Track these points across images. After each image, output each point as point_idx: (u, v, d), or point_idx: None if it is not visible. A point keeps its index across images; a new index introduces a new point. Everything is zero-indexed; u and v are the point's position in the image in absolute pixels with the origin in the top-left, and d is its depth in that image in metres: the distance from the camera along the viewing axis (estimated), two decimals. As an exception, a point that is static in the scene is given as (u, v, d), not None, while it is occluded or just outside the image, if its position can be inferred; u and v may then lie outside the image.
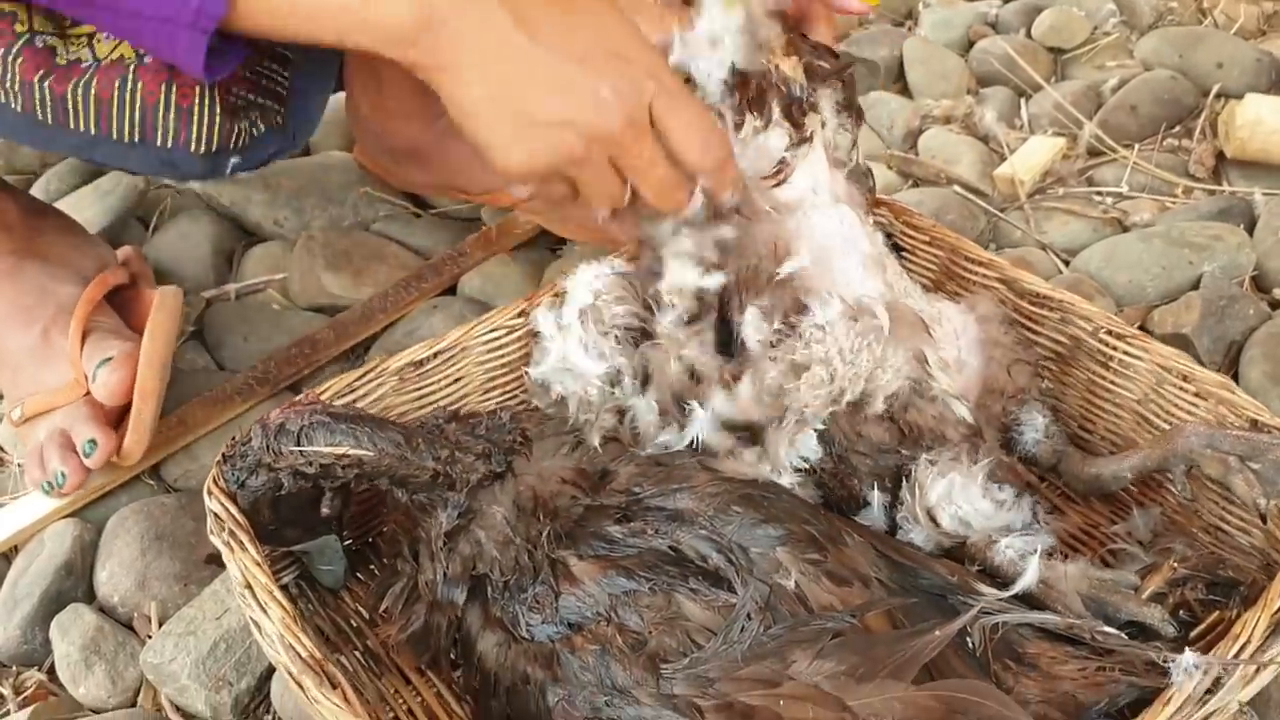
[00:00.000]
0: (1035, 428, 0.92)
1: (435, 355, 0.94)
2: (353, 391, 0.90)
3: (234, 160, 0.92)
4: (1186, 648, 0.68)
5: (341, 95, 1.31)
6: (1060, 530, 0.94)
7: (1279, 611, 0.70)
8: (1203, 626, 0.78)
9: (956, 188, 1.42)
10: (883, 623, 0.71)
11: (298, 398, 0.83)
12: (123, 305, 1.16)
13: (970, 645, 0.71)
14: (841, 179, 0.90)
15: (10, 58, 0.86)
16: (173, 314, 1.12)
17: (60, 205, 1.36)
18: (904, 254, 1.08)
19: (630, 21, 0.79)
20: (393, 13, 0.72)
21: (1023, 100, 1.58)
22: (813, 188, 0.88)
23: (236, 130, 0.90)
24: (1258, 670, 0.68)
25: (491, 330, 0.96)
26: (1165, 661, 0.67)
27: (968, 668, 0.70)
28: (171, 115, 0.91)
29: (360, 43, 0.73)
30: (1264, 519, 0.81)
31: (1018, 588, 0.76)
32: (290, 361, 1.21)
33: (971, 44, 1.71)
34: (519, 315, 0.96)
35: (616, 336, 0.89)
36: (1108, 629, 0.72)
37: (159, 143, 0.91)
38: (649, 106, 0.77)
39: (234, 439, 0.80)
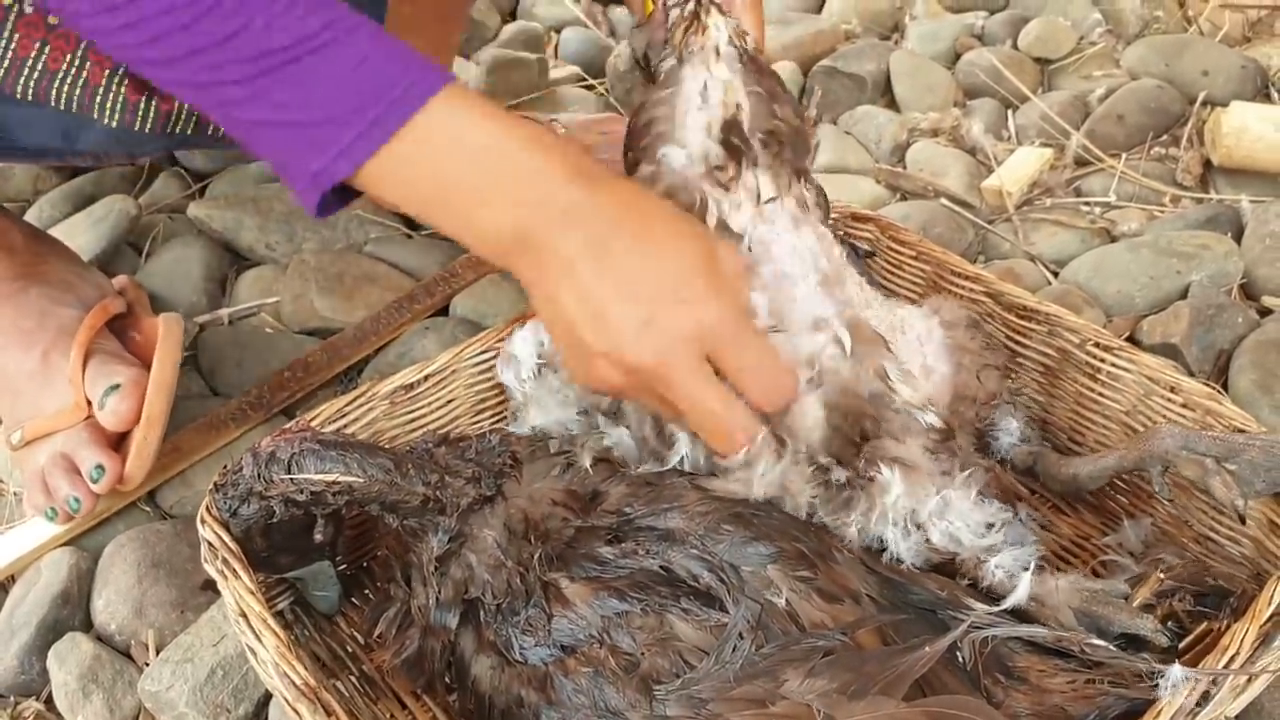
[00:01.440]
0: (1009, 431, 0.93)
1: (426, 378, 0.94)
2: (344, 416, 0.90)
3: None
4: (1175, 660, 0.68)
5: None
6: (1051, 541, 0.95)
7: (1267, 623, 0.70)
8: (1191, 638, 0.78)
9: (944, 200, 1.43)
10: (874, 639, 0.71)
11: (288, 425, 0.84)
12: (120, 332, 1.16)
13: (961, 660, 0.71)
14: (796, 202, 0.90)
15: (116, 81, 0.88)
16: (179, 341, 1.12)
17: (53, 231, 1.36)
18: (873, 258, 1.09)
19: (712, 254, 0.78)
20: (494, 229, 0.75)
21: (1010, 111, 1.59)
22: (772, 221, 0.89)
23: None
24: (1248, 681, 0.69)
25: (482, 352, 0.97)
26: (1154, 674, 0.68)
27: (959, 683, 0.70)
28: None
29: (462, 241, 0.77)
30: (1242, 520, 0.82)
31: (1009, 603, 0.77)
32: (283, 385, 1.21)
33: (958, 56, 1.72)
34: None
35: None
36: (1096, 641, 0.72)
37: None
38: (706, 348, 0.76)
39: (225, 467, 0.80)
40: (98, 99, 0.89)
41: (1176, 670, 0.67)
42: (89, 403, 1.06)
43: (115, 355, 1.10)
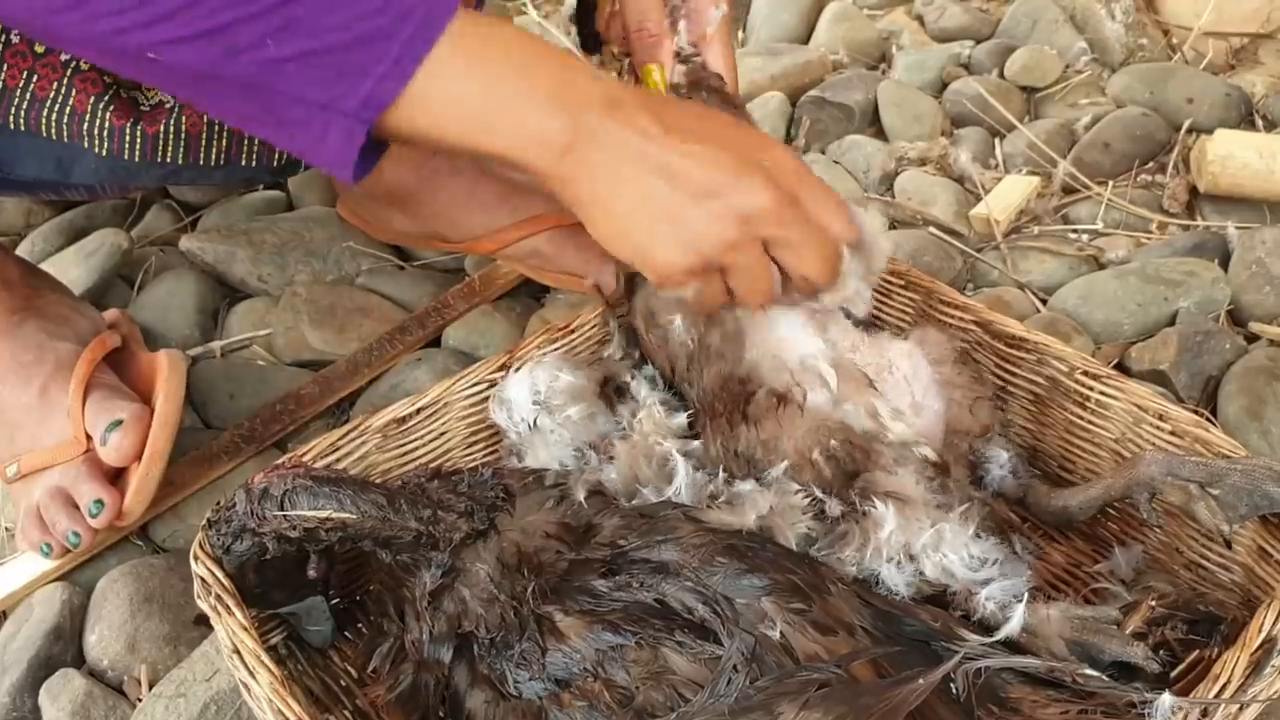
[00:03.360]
0: (1000, 463, 0.94)
1: (418, 411, 0.95)
2: (336, 450, 0.90)
3: None
4: (1166, 690, 0.68)
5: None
6: (1043, 569, 0.95)
7: (1258, 650, 0.71)
8: (1183, 666, 0.78)
9: (933, 229, 1.44)
10: (868, 671, 0.71)
11: (280, 460, 0.84)
12: (115, 366, 1.16)
13: (954, 691, 0.71)
14: None
15: (102, 106, 0.88)
16: (184, 378, 1.13)
17: (45, 266, 1.37)
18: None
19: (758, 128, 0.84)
20: (552, 127, 0.74)
21: (997, 140, 1.60)
22: None
23: None
24: (1240, 710, 0.69)
25: (474, 385, 0.97)
26: (1146, 703, 0.68)
27: (953, 714, 0.70)
28: (258, 141, 0.91)
29: (511, 154, 0.75)
30: (1228, 544, 0.83)
31: (1002, 634, 0.77)
32: (276, 418, 1.21)
33: (945, 85, 1.73)
34: (500, 369, 0.97)
35: (575, 423, 0.92)
36: (1088, 671, 0.72)
37: (243, 163, 0.92)
38: (794, 184, 0.79)
39: (218, 504, 0.80)
40: (84, 126, 0.89)
41: (1168, 698, 0.68)
42: (88, 437, 1.06)
43: (115, 390, 1.10)
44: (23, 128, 0.89)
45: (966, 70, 1.77)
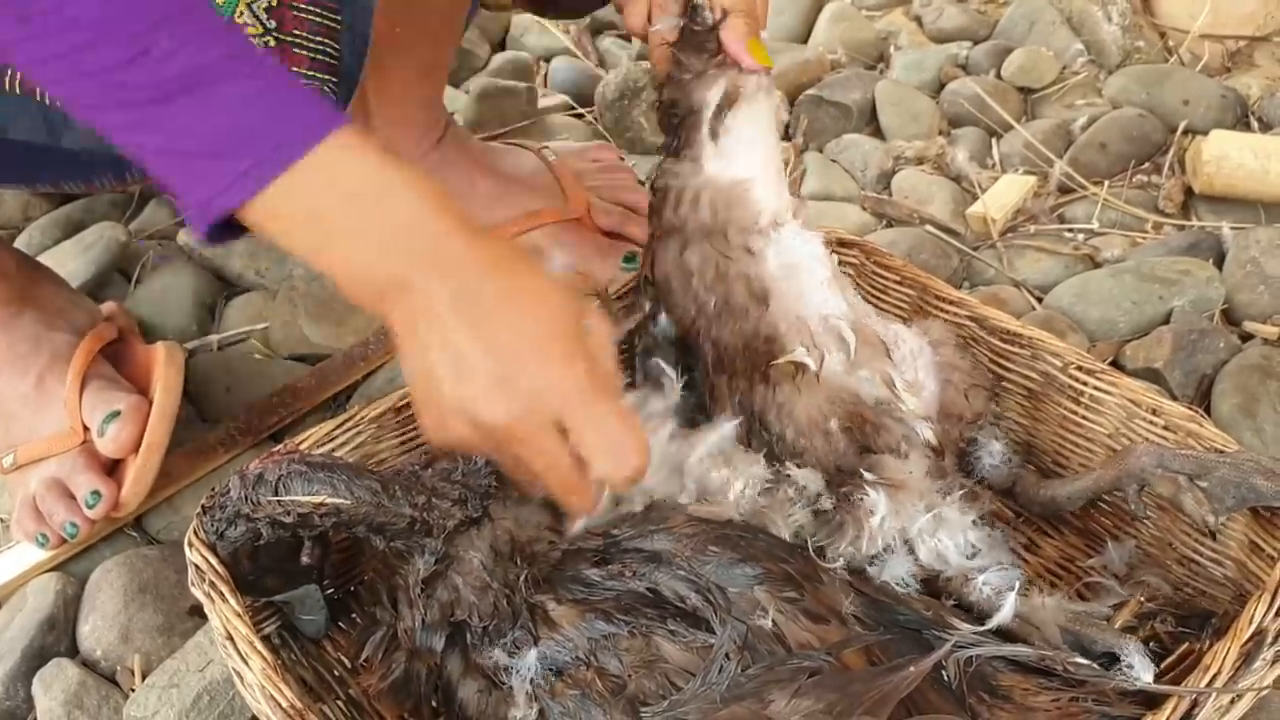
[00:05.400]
0: (991, 452, 0.94)
1: (414, 402, 0.95)
2: (332, 440, 0.90)
3: None
4: (1156, 680, 0.69)
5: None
6: (1036, 563, 0.96)
7: (1249, 642, 0.71)
8: (1173, 658, 0.78)
9: (929, 227, 1.44)
10: (859, 659, 0.71)
11: (276, 447, 0.84)
12: (113, 359, 1.17)
13: (946, 679, 0.71)
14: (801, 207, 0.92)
15: None
16: (181, 369, 1.13)
17: (42, 258, 1.37)
18: (858, 284, 1.10)
19: (577, 321, 0.76)
20: (368, 274, 0.73)
21: (994, 140, 1.61)
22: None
23: None
24: (1232, 701, 0.69)
25: (470, 377, 0.97)
26: (1134, 692, 0.68)
27: (944, 701, 0.70)
28: None
29: (337, 281, 0.74)
30: (1213, 536, 0.83)
31: (994, 623, 0.77)
32: (272, 411, 1.21)
33: (942, 85, 1.73)
34: (497, 361, 0.97)
35: None
36: (1079, 660, 0.73)
37: None
38: (556, 412, 0.73)
39: (213, 490, 0.80)
40: None
41: (1158, 687, 0.68)
42: (85, 428, 1.06)
43: (112, 381, 1.10)
44: (18, 92, 0.89)
45: (964, 71, 1.77)
